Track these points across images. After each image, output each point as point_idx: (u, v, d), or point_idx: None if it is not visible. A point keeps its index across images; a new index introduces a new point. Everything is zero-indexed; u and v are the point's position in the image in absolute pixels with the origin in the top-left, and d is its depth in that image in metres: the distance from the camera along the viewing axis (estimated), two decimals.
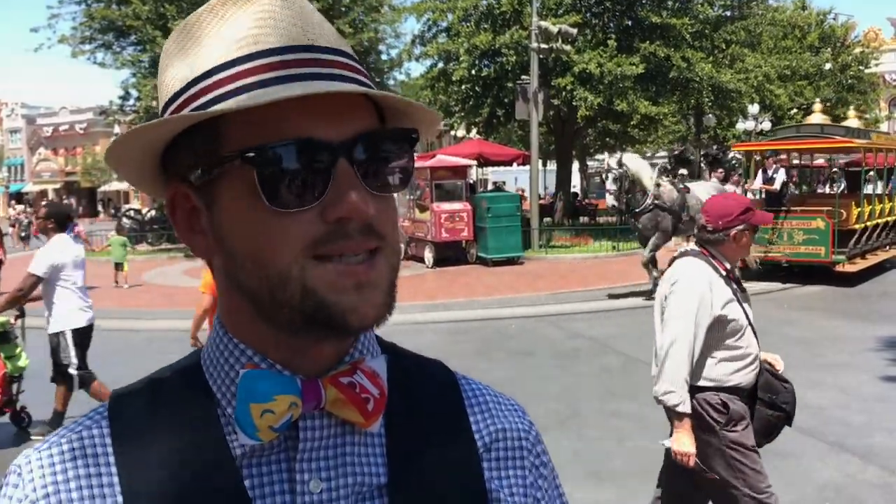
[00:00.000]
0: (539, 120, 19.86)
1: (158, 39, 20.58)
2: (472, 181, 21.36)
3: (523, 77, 19.97)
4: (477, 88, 23.84)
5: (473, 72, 23.29)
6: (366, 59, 24.66)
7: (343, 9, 23.96)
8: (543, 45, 18.64)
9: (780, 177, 14.71)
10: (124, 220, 27.86)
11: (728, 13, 25.88)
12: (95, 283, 12.02)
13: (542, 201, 23.56)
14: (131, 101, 24.05)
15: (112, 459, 0.72)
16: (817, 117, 15.67)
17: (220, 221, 0.72)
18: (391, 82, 27.47)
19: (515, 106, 20.01)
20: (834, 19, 35.98)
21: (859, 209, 14.13)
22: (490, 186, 29.34)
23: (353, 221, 0.68)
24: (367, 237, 0.70)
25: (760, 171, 15.10)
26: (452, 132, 30.94)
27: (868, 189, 15.78)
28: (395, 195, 0.75)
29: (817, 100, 17.19)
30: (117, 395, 0.77)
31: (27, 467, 0.72)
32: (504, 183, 35.26)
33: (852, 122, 17.13)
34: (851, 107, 33.57)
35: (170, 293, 14.51)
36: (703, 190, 12.59)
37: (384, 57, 25.84)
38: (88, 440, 0.73)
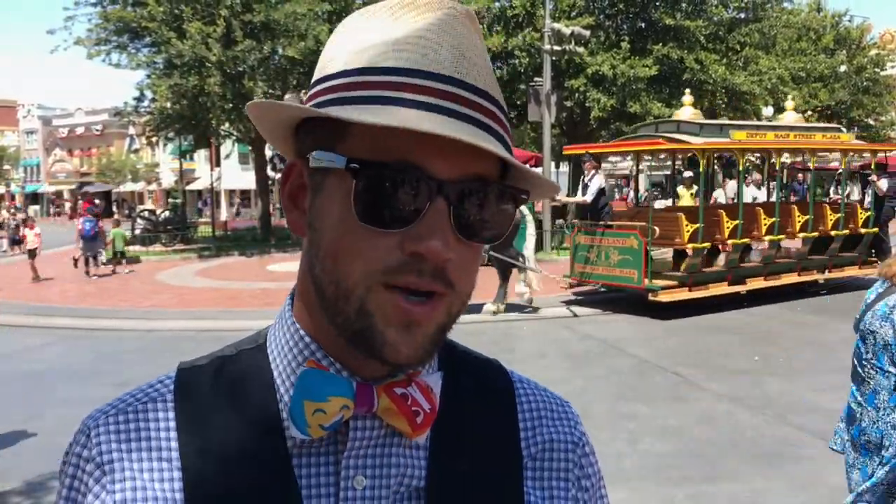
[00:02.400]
0: (552, 122, 19.84)
1: (173, 41, 20.68)
2: None
3: (536, 79, 19.95)
4: None
5: None
6: None
7: (356, 10, 23.99)
8: (556, 47, 18.62)
9: (595, 185, 12.85)
10: (139, 220, 28.04)
11: (742, 15, 25.77)
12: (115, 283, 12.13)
13: (554, 203, 23.49)
14: (146, 103, 24.17)
15: (174, 435, 0.75)
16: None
17: (318, 210, 0.73)
18: None
19: (528, 108, 19.99)
20: (849, 21, 35.76)
21: (694, 226, 11.53)
22: None
23: (428, 261, 0.68)
24: (436, 280, 0.69)
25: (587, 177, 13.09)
26: None
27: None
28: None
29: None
30: (184, 370, 0.80)
31: (95, 430, 0.76)
32: None
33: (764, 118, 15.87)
34: (858, 109, 33.35)
35: (183, 294, 14.58)
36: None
37: None
38: (153, 412, 0.77)
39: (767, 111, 25.63)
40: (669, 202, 20.43)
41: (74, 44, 22.19)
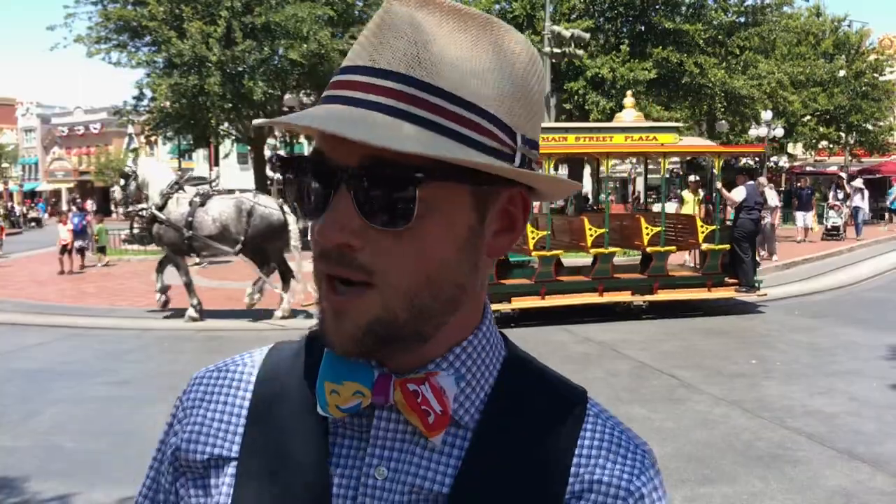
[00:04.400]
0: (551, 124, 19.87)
1: (173, 40, 20.68)
2: None
3: None
4: None
5: None
6: None
7: (357, 13, 24.06)
8: (556, 50, 18.65)
9: None
10: (137, 219, 27.94)
11: (742, 19, 25.79)
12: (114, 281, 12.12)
13: (552, 205, 23.49)
14: (145, 102, 24.18)
15: (249, 395, 0.84)
16: (629, 114, 12.80)
17: None
18: None
19: None
20: (849, 26, 35.83)
21: (542, 233, 11.41)
22: None
23: (328, 247, 0.70)
24: (342, 266, 0.70)
25: None
26: None
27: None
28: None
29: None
30: (278, 343, 0.88)
31: (195, 381, 0.88)
32: None
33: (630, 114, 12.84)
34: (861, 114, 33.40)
35: (181, 293, 14.56)
36: (217, 206, 11.38)
37: None
38: (240, 373, 0.86)
39: (766, 115, 25.67)
40: (668, 206, 20.54)
41: (74, 41, 22.19)
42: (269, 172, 25.15)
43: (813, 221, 23.15)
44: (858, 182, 25.98)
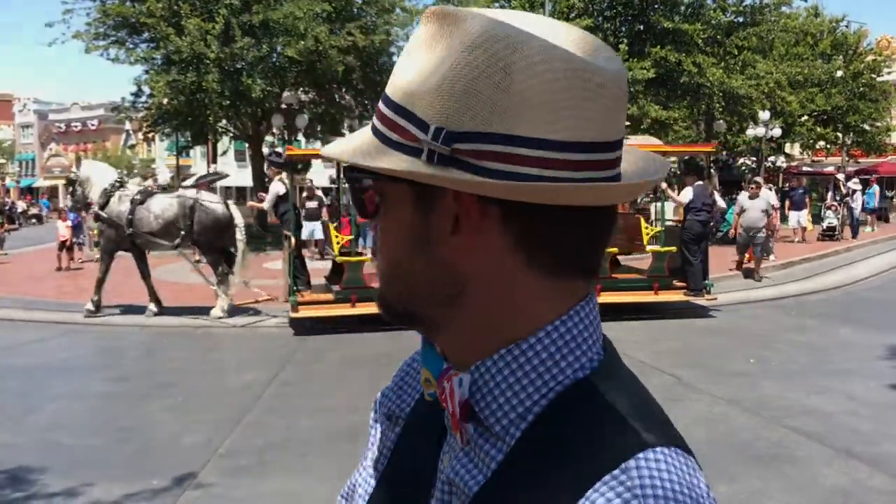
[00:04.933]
0: None
1: (171, 37, 20.65)
2: None
3: None
4: None
5: None
6: (377, 61, 24.68)
7: (356, 10, 24.03)
8: None
9: (272, 191, 12.83)
10: None
11: (740, 19, 25.84)
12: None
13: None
14: (143, 98, 24.15)
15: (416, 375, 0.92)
16: None
17: None
18: None
19: None
20: (846, 27, 35.87)
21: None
22: None
23: None
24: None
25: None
26: None
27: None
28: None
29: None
30: None
31: (404, 361, 0.97)
32: None
33: None
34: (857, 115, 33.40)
35: (180, 290, 14.55)
36: (159, 203, 11.63)
37: (395, 59, 25.81)
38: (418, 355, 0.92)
39: (764, 115, 25.70)
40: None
41: (73, 37, 22.15)
42: (266, 170, 25.12)
43: (807, 221, 23.14)
44: (855, 183, 26.00)
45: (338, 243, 11.55)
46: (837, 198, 24.95)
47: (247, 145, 28.46)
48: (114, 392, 7.97)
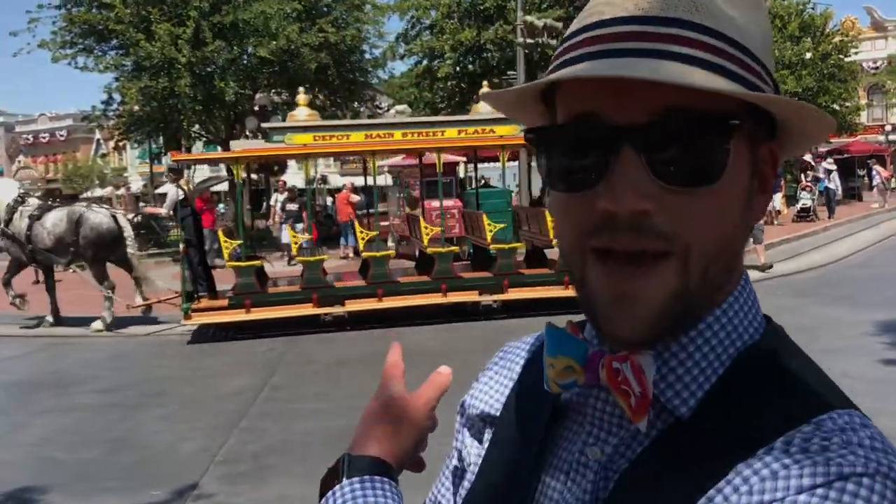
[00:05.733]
0: None
1: (141, 43, 20.36)
2: (461, 178, 21.34)
3: (509, 72, 19.97)
4: (463, 85, 23.81)
5: (459, 68, 23.26)
6: (349, 58, 24.53)
7: (325, 8, 23.84)
8: (529, 41, 18.63)
9: (170, 197, 12.47)
10: None
11: None
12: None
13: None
14: (114, 106, 23.82)
15: (520, 370, 0.87)
16: (302, 111, 11.89)
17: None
18: (374, 81, 27.35)
19: None
20: (812, 8, 36.23)
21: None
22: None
23: (618, 215, 0.63)
24: (637, 235, 0.63)
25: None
26: None
27: None
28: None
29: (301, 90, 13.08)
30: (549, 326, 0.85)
31: (499, 352, 0.94)
32: (488, 180, 35.21)
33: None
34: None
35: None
36: (51, 218, 11.45)
37: (367, 56, 25.72)
38: (526, 345, 0.91)
39: None
40: None
41: (38, 46, 21.77)
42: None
43: (781, 203, 23.29)
44: (829, 163, 26.24)
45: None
46: (811, 179, 25.18)
47: (219, 149, 28.19)
48: (102, 404, 7.82)
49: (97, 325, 11.43)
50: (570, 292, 10.88)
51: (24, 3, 24.33)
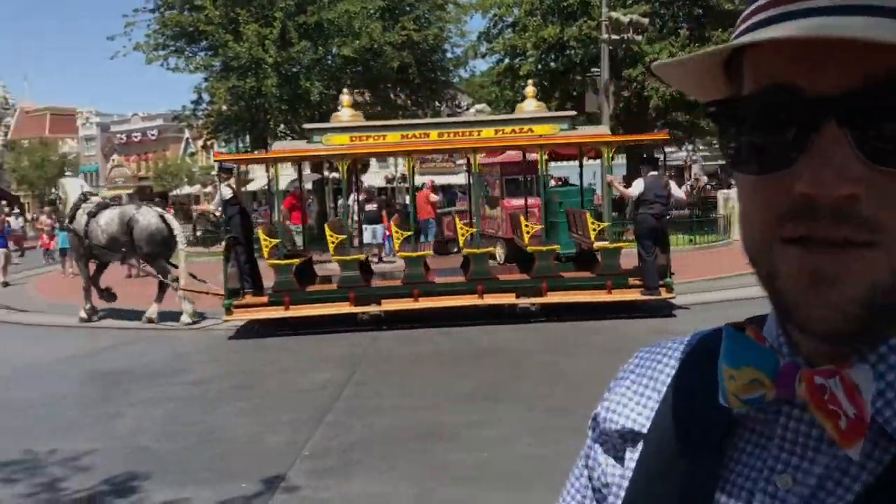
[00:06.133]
0: (610, 112, 19.54)
1: (230, 43, 20.91)
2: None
3: (593, 70, 19.68)
4: (545, 83, 23.58)
5: (541, 66, 23.04)
6: (430, 57, 24.63)
7: (407, 7, 24.00)
8: (614, 37, 18.30)
9: (217, 196, 13.15)
10: (199, 222, 28.46)
11: None
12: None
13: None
14: (203, 105, 24.52)
15: (668, 381, 0.77)
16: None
17: None
18: (455, 80, 27.40)
19: (585, 99, 19.72)
20: None
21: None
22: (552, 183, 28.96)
23: (819, 201, 0.54)
24: (840, 224, 0.54)
25: None
26: None
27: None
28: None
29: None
30: (703, 332, 0.80)
31: (634, 356, 0.84)
32: (567, 178, 34.77)
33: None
34: None
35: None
36: (105, 217, 12.25)
37: (449, 55, 25.78)
38: (671, 351, 0.80)
39: None
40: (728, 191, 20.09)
41: (134, 49, 22.60)
42: (325, 172, 25.31)
43: None
44: None
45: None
46: None
47: None
48: (192, 396, 8.00)
49: (185, 318, 11.88)
50: (611, 297, 10.89)
51: (120, 8, 25.25)
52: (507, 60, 24.22)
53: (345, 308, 10.92)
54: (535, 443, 5.94)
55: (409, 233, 11.41)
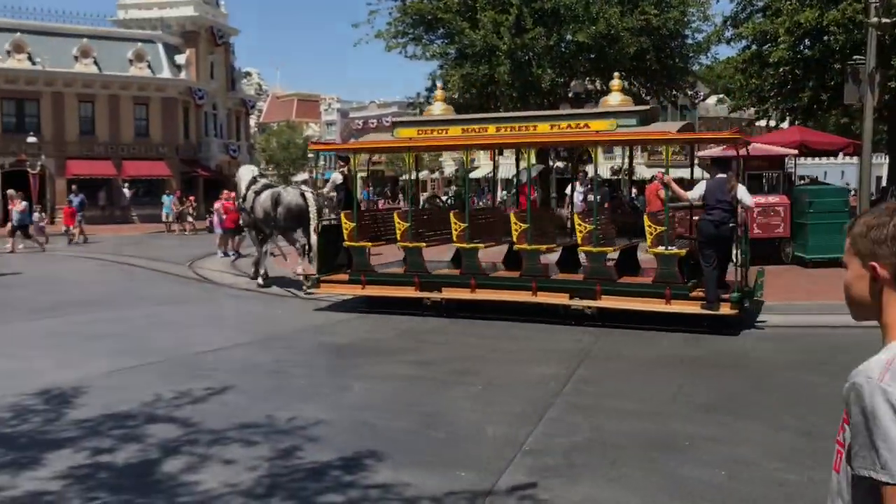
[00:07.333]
0: (874, 105, 17.47)
1: (466, 31, 21.16)
2: (790, 172, 19.43)
3: (855, 57, 17.67)
4: (797, 71, 21.62)
5: (793, 53, 21.15)
6: (670, 43, 23.46)
7: None
8: (885, 20, 16.28)
9: (331, 181, 14.94)
10: (426, 206, 29.37)
11: None
12: None
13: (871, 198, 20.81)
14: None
15: None
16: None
17: None
18: (696, 67, 25.95)
19: (844, 89, 17.77)
20: None
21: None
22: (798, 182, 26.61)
23: None
24: None
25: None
26: (761, 122, 28.45)
27: None
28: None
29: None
30: None
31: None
32: (816, 178, 31.92)
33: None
34: None
35: None
36: (263, 196, 14.34)
37: (689, 41, 24.38)
38: None
39: None
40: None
41: (375, 37, 23.55)
42: (549, 162, 25.10)
43: None
44: None
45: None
46: None
47: None
48: (418, 375, 8.05)
49: (298, 269, 14.15)
50: (671, 307, 9.97)
51: None
52: (754, 47, 22.49)
53: (410, 292, 11.51)
54: (782, 468, 5.28)
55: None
